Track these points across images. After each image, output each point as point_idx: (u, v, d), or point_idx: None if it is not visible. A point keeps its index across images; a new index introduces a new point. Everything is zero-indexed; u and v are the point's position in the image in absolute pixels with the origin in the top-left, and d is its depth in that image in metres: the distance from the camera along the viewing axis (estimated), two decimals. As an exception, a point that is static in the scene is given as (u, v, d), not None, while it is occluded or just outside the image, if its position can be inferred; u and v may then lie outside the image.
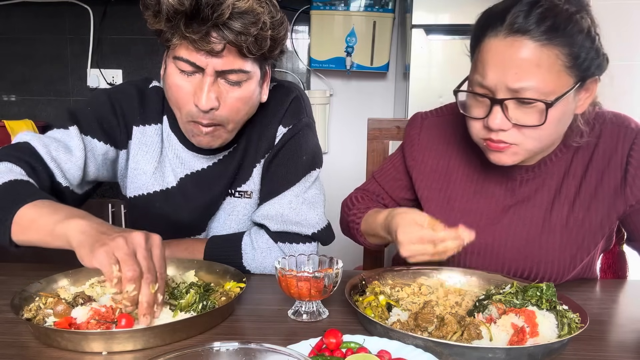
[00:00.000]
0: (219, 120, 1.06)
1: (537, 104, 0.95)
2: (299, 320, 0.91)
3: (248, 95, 1.07)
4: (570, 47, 0.94)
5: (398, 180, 1.27)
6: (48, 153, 1.06)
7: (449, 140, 1.22)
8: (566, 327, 0.82)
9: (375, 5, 2.58)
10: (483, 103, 1.00)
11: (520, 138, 0.99)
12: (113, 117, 1.16)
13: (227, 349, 0.56)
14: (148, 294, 0.79)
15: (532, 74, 0.93)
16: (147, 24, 1.01)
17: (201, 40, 0.96)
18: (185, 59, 1.00)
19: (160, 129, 1.20)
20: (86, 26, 2.77)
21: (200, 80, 1.02)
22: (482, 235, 1.14)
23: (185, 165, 1.20)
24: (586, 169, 1.09)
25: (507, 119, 0.97)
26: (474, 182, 1.17)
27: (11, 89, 2.89)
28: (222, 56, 0.99)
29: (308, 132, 1.22)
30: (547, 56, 0.93)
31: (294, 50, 2.81)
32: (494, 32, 0.96)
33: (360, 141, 2.22)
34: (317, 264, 0.96)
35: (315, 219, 1.17)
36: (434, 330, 0.83)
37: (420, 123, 1.26)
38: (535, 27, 0.93)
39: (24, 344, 0.82)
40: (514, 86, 0.94)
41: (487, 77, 0.96)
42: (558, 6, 0.94)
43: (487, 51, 0.97)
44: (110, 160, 1.19)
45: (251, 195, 1.22)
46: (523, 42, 0.93)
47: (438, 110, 1.27)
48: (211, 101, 1.02)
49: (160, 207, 1.22)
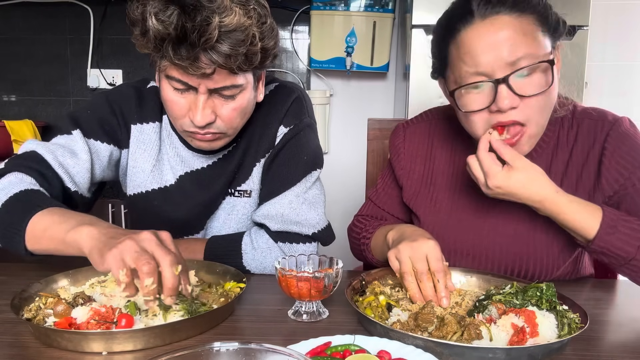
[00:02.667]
0: (215, 130, 1.06)
1: (537, 70, 0.97)
2: (299, 321, 0.91)
3: (244, 104, 1.07)
4: (539, 13, 0.98)
5: (392, 197, 1.28)
6: (55, 159, 1.07)
7: (431, 145, 1.23)
8: (566, 327, 0.82)
9: (375, 5, 2.58)
10: (483, 91, 0.99)
11: (530, 112, 0.98)
12: (113, 117, 1.17)
13: (227, 349, 0.56)
14: (172, 276, 0.79)
15: (522, 43, 0.96)
16: (136, 46, 0.99)
17: (191, 66, 0.95)
18: (178, 79, 1.00)
19: (159, 127, 1.21)
20: (86, 26, 2.78)
21: (194, 97, 1.02)
22: (470, 237, 1.14)
23: (185, 163, 1.21)
24: (567, 166, 1.10)
25: (515, 95, 0.97)
26: (457, 182, 1.18)
27: (11, 89, 2.89)
28: (213, 77, 0.99)
29: (309, 132, 1.22)
30: (526, 24, 0.97)
31: (294, 50, 2.81)
32: (467, 23, 0.99)
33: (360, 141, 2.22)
34: (317, 264, 0.96)
35: (316, 219, 1.17)
36: (434, 331, 0.83)
37: (402, 132, 1.27)
38: (502, 7, 0.97)
39: (24, 344, 0.82)
40: (511, 59, 0.95)
41: (481, 62, 0.97)
42: None
43: (469, 41, 0.98)
44: (115, 160, 1.20)
45: (251, 195, 1.23)
46: (501, 19, 0.97)
47: (417, 117, 1.29)
48: (207, 117, 1.02)
49: (158, 205, 1.22)
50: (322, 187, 1.23)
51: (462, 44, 0.99)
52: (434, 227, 1.14)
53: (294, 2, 2.67)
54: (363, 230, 1.25)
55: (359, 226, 1.28)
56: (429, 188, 1.21)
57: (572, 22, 2.47)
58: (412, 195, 1.23)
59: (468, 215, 1.15)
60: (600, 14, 2.50)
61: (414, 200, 1.22)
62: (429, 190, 1.21)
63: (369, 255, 1.22)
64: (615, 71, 2.64)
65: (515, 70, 0.96)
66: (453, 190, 1.18)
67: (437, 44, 1.07)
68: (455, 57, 1.01)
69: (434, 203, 1.19)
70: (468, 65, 0.98)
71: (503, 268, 1.12)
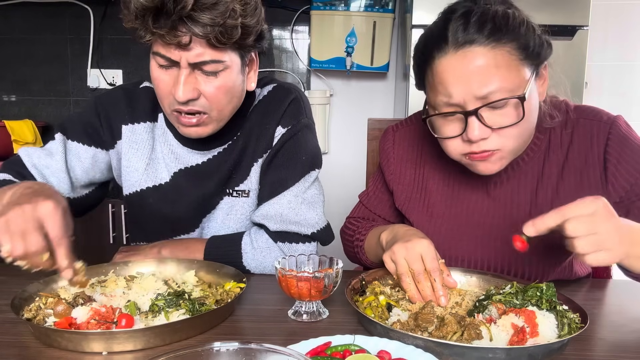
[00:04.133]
0: (199, 108, 1.07)
1: (509, 103, 0.95)
2: (299, 321, 0.91)
3: (228, 84, 1.07)
4: (517, 41, 0.95)
5: (383, 201, 1.27)
6: (30, 161, 1.17)
7: (421, 149, 1.22)
8: (566, 327, 0.82)
9: (375, 6, 2.58)
10: (455, 120, 0.99)
11: (501, 141, 0.98)
12: (96, 119, 1.22)
13: (227, 349, 0.56)
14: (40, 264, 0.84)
15: (494, 76, 0.94)
16: (123, 22, 1.04)
17: (168, 34, 0.98)
18: (161, 54, 1.03)
19: (152, 126, 1.23)
20: (86, 26, 2.78)
21: (177, 73, 1.04)
22: (464, 241, 1.14)
23: (179, 160, 1.22)
24: (562, 168, 1.09)
25: (485, 127, 0.96)
26: (450, 187, 1.17)
27: (11, 89, 2.90)
28: (191, 48, 1.01)
29: (307, 132, 1.22)
30: (500, 55, 0.94)
31: (294, 50, 2.81)
32: (441, 52, 0.97)
33: (360, 141, 2.22)
34: (317, 264, 0.96)
35: (315, 219, 1.17)
36: (434, 331, 0.83)
37: (392, 136, 1.26)
38: (478, 35, 0.94)
39: (24, 344, 0.82)
40: (481, 93, 0.94)
41: (452, 94, 0.96)
42: (489, 9, 0.96)
43: (442, 71, 0.97)
44: (102, 162, 1.23)
45: (249, 195, 1.23)
46: (474, 51, 0.94)
47: (407, 120, 1.28)
48: (188, 92, 1.04)
49: (153, 203, 1.24)
50: (320, 187, 1.23)
51: (436, 73, 0.98)
52: (427, 233, 1.14)
53: (294, 2, 2.67)
54: (356, 233, 1.24)
55: (351, 228, 1.27)
56: (421, 193, 1.20)
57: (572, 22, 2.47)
58: (404, 201, 1.21)
59: (462, 221, 1.15)
60: (600, 14, 2.50)
61: (406, 206, 1.21)
62: (421, 195, 1.20)
63: (363, 257, 1.21)
64: (615, 71, 2.64)
65: (486, 104, 0.95)
66: (446, 196, 1.17)
67: (416, 64, 1.06)
68: (431, 83, 1.01)
69: (427, 208, 1.18)
70: (441, 94, 0.98)
71: (494, 269, 1.12)
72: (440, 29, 0.98)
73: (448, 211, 1.16)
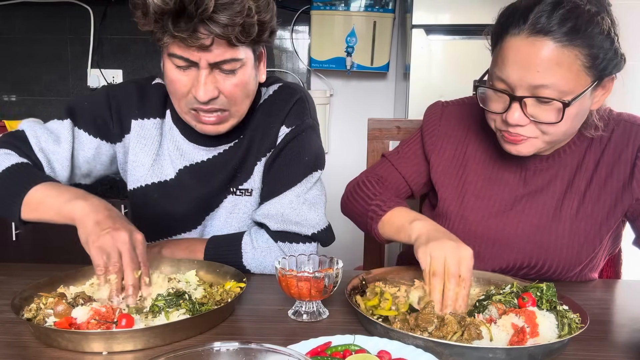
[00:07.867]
0: (219, 106, 1.08)
1: (554, 102, 0.97)
2: (299, 320, 0.91)
3: (245, 80, 1.09)
4: (590, 49, 0.95)
5: (416, 165, 1.27)
6: (38, 144, 1.13)
7: (468, 128, 1.23)
8: (566, 327, 0.82)
9: (375, 5, 2.58)
10: (502, 98, 1.02)
11: (537, 133, 1.01)
12: (107, 111, 1.21)
13: (227, 349, 0.56)
14: (132, 278, 0.90)
15: (552, 72, 0.95)
16: (138, 25, 1.03)
17: (190, 37, 0.98)
18: (179, 55, 1.03)
19: (161, 123, 1.23)
20: (86, 26, 2.77)
21: (196, 73, 1.05)
22: (494, 222, 1.15)
23: (185, 156, 1.22)
24: (597, 163, 1.11)
25: (524, 116, 0.99)
26: (489, 169, 1.19)
27: (11, 89, 2.89)
28: (212, 49, 1.01)
29: (311, 133, 1.22)
30: (567, 56, 0.95)
31: (294, 50, 2.81)
32: (516, 30, 0.97)
33: (361, 141, 2.22)
34: (317, 264, 0.97)
35: (316, 220, 1.17)
36: (434, 331, 0.83)
37: (441, 110, 1.27)
38: (557, 28, 0.94)
39: (24, 344, 0.82)
40: (534, 84, 0.96)
41: (508, 74, 0.98)
42: (580, 7, 0.95)
43: (508, 48, 0.98)
44: (105, 155, 1.23)
45: (252, 193, 1.23)
46: (545, 43, 0.95)
47: (459, 100, 1.29)
48: (209, 92, 1.05)
49: (157, 199, 1.24)
50: (323, 188, 1.23)
51: (503, 47, 1.00)
52: (457, 209, 1.13)
53: (294, 2, 2.67)
54: (376, 198, 1.15)
55: (370, 188, 1.19)
56: (459, 170, 1.21)
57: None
58: (441, 173, 1.22)
59: (495, 203, 1.16)
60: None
61: (442, 179, 1.22)
62: (458, 172, 1.21)
63: (374, 226, 1.13)
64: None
65: (533, 96, 0.97)
66: (484, 176, 1.19)
67: (494, 30, 1.05)
68: (497, 54, 1.02)
69: (462, 184, 1.20)
70: (499, 69, 1.00)
71: (521, 259, 1.13)
72: (526, 7, 0.98)
73: (482, 192, 1.18)
